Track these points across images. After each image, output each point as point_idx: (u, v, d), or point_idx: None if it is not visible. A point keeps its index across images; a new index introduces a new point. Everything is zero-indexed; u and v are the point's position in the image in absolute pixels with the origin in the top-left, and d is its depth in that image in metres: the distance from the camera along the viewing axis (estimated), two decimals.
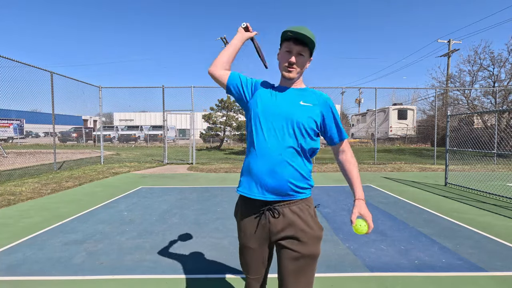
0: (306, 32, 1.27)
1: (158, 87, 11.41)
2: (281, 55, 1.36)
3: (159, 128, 25.55)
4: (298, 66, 1.33)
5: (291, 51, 1.32)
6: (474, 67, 14.99)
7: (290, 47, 1.31)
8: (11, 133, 25.14)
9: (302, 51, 1.32)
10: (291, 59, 1.31)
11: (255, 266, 1.40)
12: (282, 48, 1.36)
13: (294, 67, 1.33)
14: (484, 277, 2.46)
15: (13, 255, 2.89)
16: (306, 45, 1.31)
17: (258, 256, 1.38)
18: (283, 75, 1.37)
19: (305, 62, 1.35)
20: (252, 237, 1.36)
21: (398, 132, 21.84)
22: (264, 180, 1.28)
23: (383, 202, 5.09)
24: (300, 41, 1.29)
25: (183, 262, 2.76)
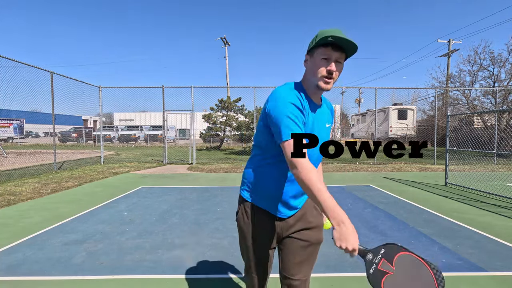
0: (348, 38, 1.12)
1: (158, 87, 11.42)
2: (316, 63, 1.18)
3: (159, 128, 25.56)
4: (336, 76, 1.19)
5: (329, 58, 1.15)
6: (474, 67, 15.01)
7: (328, 54, 1.15)
8: (11, 133, 25.15)
9: (340, 58, 1.17)
10: (331, 67, 1.15)
11: (267, 267, 1.41)
12: (317, 55, 1.18)
13: (333, 77, 1.18)
14: (484, 277, 2.46)
15: (13, 255, 2.89)
16: (344, 51, 1.17)
17: (270, 257, 1.41)
18: (320, 86, 1.19)
19: (341, 71, 1.21)
20: (265, 240, 1.37)
21: (398, 132, 21.84)
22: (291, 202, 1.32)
23: (383, 202, 5.09)
24: (339, 47, 1.14)
25: (183, 262, 2.76)
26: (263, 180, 1.31)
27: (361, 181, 7.19)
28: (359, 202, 5.07)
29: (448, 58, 21.36)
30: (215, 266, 2.68)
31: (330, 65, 1.15)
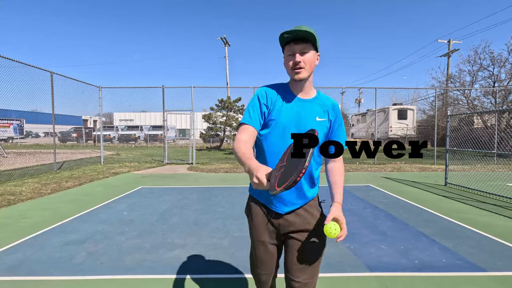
0: (302, 28, 1.21)
1: (158, 87, 11.41)
2: (285, 60, 1.30)
3: (159, 128, 25.55)
4: (306, 64, 1.26)
5: (293, 52, 1.26)
6: (474, 67, 15.01)
7: (291, 49, 1.26)
8: (11, 133, 25.14)
9: (304, 49, 1.25)
10: (296, 59, 1.25)
11: (269, 263, 1.45)
12: (285, 53, 1.30)
13: (302, 67, 1.26)
14: (484, 277, 2.46)
15: (13, 255, 2.89)
16: (308, 41, 1.24)
17: (271, 253, 1.43)
18: (293, 78, 1.30)
19: (312, 59, 1.28)
20: (264, 234, 1.42)
21: (398, 132, 21.84)
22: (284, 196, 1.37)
23: (383, 202, 5.09)
24: (300, 39, 1.23)
25: (183, 262, 2.76)
26: None
27: (361, 181, 7.19)
28: (359, 202, 5.07)
29: (448, 58, 21.36)
30: (215, 266, 2.68)
31: (295, 57, 1.25)
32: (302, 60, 1.25)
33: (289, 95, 1.35)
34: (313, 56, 1.29)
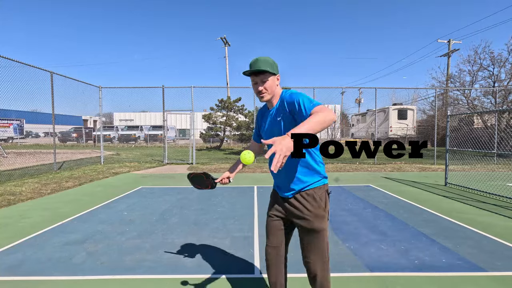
0: (258, 63, 1.56)
1: (158, 87, 11.42)
2: (253, 87, 1.65)
3: (159, 128, 25.55)
4: (267, 89, 1.60)
5: (255, 82, 1.61)
6: (474, 67, 15.00)
7: (254, 80, 1.61)
8: (11, 133, 25.14)
9: (263, 78, 1.58)
10: (258, 88, 1.60)
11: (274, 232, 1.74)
12: (251, 82, 1.64)
13: (264, 92, 1.60)
14: (484, 277, 2.46)
15: (13, 255, 2.89)
16: (264, 72, 1.56)
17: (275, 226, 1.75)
18: (260, 101, 1.68)
19: (271, 83, 1.61)
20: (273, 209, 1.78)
21: (398, 132, 21.83)
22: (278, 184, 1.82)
23: (383, 202, 5.09)
24: (257, 72, 1.57)
25: (183, 262, 2.76)
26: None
27: (361, 181, 7.19)
28: (359, 202, 5.07)
29: (448, 58, 21.35)
30: (215, 266, 2.68)
31: (258, 86, 1.61)
32: (263, 87, 1.60)
33: (266, 110, 1.77)
34: (272, 80, 1.61)
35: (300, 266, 2.58)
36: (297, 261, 2.71)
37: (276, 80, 1.65)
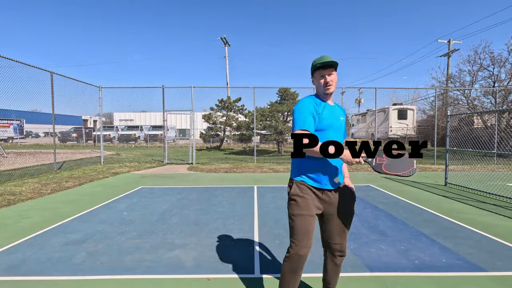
0: (328, 58, 1.77)
1: (158, 87, 11.41)
2: (317, 81, 1.84)
3: (159, 128, 25.55)
4: (333, 82, 1.81)
5: (323, 75, 1.79)
6: (474, 67, 14.99)
7: (321, 73, 1.80)
8: (11, 133, 25.14)
9: (331, 71, 1.79)
10: (327, 78, 1.79)
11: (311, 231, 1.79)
12: (316, 76, 1.84)
13: (331, 84, 1.80)
14: (484, 277, 2.46)
15: (13, 255, 2.89)
16: (332, 67, 1.79)
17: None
18: (325, 93, 1.83)
19: (335, 78, 1.83)
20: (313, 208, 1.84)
21: (398, 132, 21.83)
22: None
23: (383, 202, 5.09)
24: (327, 66, 1.78)
25: (183, 262, 2.76)
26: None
27: (361, 181, 7.19)
28: (359, 202, 5.07)
29: (448, 58, 21.35)
30: (215, 266, 2.68)
31: (326, 78, 1.80)
32: (330, 79, 1.80)
33: (323, 102, 1.86)
34: (336, 76, 1.83)
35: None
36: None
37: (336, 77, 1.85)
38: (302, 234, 1.75)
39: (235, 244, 3.18)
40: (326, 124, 1.79)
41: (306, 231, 1.75)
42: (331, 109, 1.84)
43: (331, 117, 1.81)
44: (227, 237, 3.40)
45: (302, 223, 1.75)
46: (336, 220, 1.87)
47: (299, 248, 1.73)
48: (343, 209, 1.86)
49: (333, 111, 1.85)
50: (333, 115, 1.83)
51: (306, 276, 2.44)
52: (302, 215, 1.77)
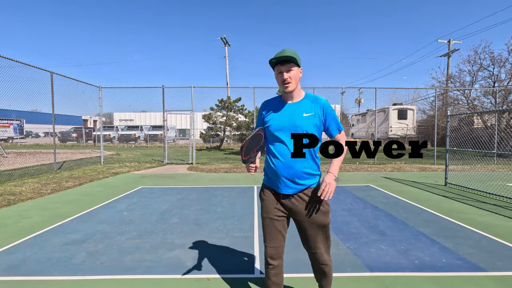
0: (285, 52, 1.58)
1: (158, 87, 11.41)
2: (276, 77, 1.68)
3: (159, 128, 25.55)
4: (292, 79, 1.64)
5: (281, 71, 1.63)
6: (474, 67, 14.99)
7: (279, 69, 1.64)
8: (11, 133, 25.13)
9: (290, 67, 1.62)
10: (284, 76, 1.62)
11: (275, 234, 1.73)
12: (275, 72, 1.68)
13: (289, 81, 1.63)
14: (484, 277, 2.46)
15: (13, 255, 2.89)
16: (291, 61, 1.61)
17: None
18: (284, 91, 1.69)
19: (296, 74, 1.66)
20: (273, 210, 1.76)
21: (398, 132, 21.83)
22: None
23: (383, 202, 5.09)
24: (285, 61, 1.61)
25: (183, 262, 2.76)
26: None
27: (361, 181, 7.18)
28: (359, 202, 5.07)
29: (448, 58, 21.35)
30: (215, 266, 2.68)
31: (283, 75, 1.64)
32: (288, 76, 1.63)
33: (281, 102, 1.76)
34: (297, 72, 1.66)
35: (299, 266, 2.59)
36: (295, 261, 2.71)
37: (300, 73, 1.68)
38: (267, 236, 1.73)
39: (235, 244, 3.18)
40: (274, 127, 1.69)
41: (271, 234, 1.72)
42: (288, 108, 1.71)
43: (281, 119, 1.69)
44: (227, 237, 3.40)
45: (266, 226, 1.73)
46: (306, 228, 1.74)
47: (267, 250, 1.72)
48: (310, 219, 1.71)
49: (289, 110, 1.70)
50: (288, 115, 1.69)
51: (306, 276, 2.44)
52: (264, 218, 1.75)
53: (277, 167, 1.67)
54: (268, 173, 1.77)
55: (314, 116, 1.67)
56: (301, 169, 1.66)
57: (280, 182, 1.69)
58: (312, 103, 1.70)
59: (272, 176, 1.72)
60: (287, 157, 1.65)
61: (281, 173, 1.67)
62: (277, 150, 1.69)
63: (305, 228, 1.73)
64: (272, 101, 1.80)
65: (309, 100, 1.72)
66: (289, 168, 1.65)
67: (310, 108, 1.69)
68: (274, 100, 1.80)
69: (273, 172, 1.70)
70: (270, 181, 1.76)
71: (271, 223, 1.72)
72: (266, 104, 1.81)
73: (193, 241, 3.29)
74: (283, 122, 1.68)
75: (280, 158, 1.66)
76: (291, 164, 1.65)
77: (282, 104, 1.74)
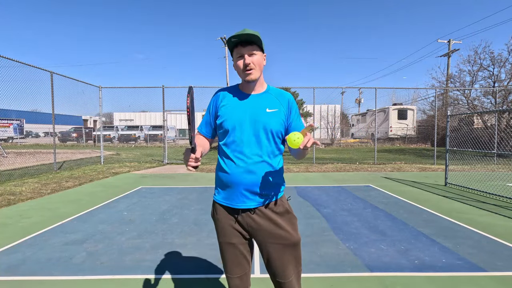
0: (248, 31, 1.28)
1: (158, 87, 11.42)
2: (235, 62, 1.36)
3: (159, 128, 25.54)
4: (255, 65, 1.33)
5: (242, 54, 1.32)
6: (474, 67, 15.00)
7: (240, 52, 1.32)
8: (11, 133, 25.14)
9: (252, 50, 1.32)
10: (246, 61, 1.31)
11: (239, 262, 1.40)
12: (234, 56, 1.37)
13: (252, 67, 1.32)
14: (484, 277, 2.46)
15: (13, 255, 2.89)
16: (254, 43, 1.32)
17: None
18: (245, 80, 1.36)
19: (260, 60, 1.35)
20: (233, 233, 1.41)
21: (398, 132, 21.84)
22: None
23: (383, 202, 5.09)
24: (247, 42, 1.30)
25: (183, 262, 2.76)
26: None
27: (361, 181, 7.18)
28: (359, 202, 5.07)
29: (448, 58, 21.35)
30: (215, 266, 2.68)
31: (244, 59, 1.31)
32: (251, 61, 1.31)
33: (239, 93, 1.42)
34: (261, 57, 1.36)
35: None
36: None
37: (264, 60, 1.39)
38: (228, 265, 1.40)
39: None
40: (229, 124, 1.36)
41: (232, 262, 1.39)
42: (248, 101, 1.38)
43: (240, 113, 1.36)
44: None
45: (225, 252, 1.40)
46: (271, 251, 1.37)
47: (230, 282, 1.41)
48: (276, 238, 1.36)
49: (250, 103, 1.38)
50: (248, 109, 1.37)
51: (306, 276, 2.44)
52: (221, 243, 1.41)
53: (234, 173, 1.33)
54: (220, 185, 1.41)
55: (279, 113, 1.38)
56: (264, 176, 1.33)
57: (237, 194, 1.34)
58: (276, 98, 1.42)
59: (226, 187, 1.37)
60: (246, 160, 1.32)
61: (238, 181, 1.33)
62: (233, 152, 1.34)
63: (270, 251, 1.37)
64: (229, 90, 1.45)
65: (273, 94, 1.43)
66: (249, 174, 1.32)
67: (274, 103, 1.40)
68: (231, 89, 1.46)
69: (227, 181, 1.35)
70: (224, 195, 1.40)
71: (230, 249, 1.38)
72: (221, 93, 1.45)
73: (193, 241, 3.29)
74: (242, 117, 1.35)
75: (237, 162, 1.33)
76: (252, 170, 1.32)
77: (240, 95, 1.41)
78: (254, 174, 1.32)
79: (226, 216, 1.39)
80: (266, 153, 1.35)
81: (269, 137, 1.35)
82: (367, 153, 14.61)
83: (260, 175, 1.33)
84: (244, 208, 1.35)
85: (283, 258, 1.37)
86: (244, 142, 1.33)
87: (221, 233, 1.40)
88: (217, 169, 1.44)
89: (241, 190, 1.33)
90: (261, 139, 1.34)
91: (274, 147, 1.38)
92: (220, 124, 1.40)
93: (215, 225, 1.44)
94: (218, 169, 1.43)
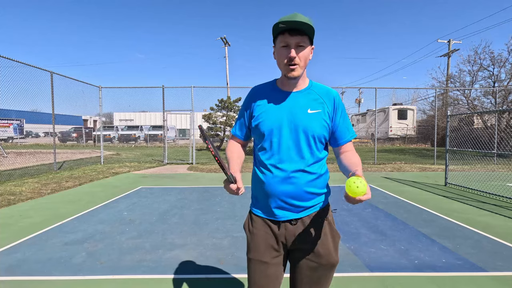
0: (300, 18, 1.09)
1: (158, 87, 11.41)
2: (278, 52, 1.17)
3: (159, 128, 25.54)
4: (301, 60, 1.15)
5: (288, 44, 1.13)
6: (474, 67, 15.00)
7: (286, 41, 1.12)
8: (11, 133, 25.14)
9: (301, 42, 1.12)
10: (291, 54, 1.12)
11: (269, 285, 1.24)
12: (277, 44, 1.17)
13: (297, 63, 1.14)
14: (484, 277, 2.46)
15: (13, 255, 2.89)
16: (304, 33, 1.12)
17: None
18: (286, 76, 1.18)
19: (307, 54, 1.16)
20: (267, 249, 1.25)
21: (398, 132, 21.84)
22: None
23: (383, 202, 5.09)
24: (296, 31, 1.11)
25: (183, 262, 2.76)
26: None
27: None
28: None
29: (448, 58, 21.34)
30: (215, 266, 2.68)
31: (290, 51, 1.12)
32: (297, 55, 1.13)
33: (277, 90, 1.26)
34: (309, 51, 1.17)
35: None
36: None
37: (311, 54, 1.20)
38: (252, 286, 1.24)
39: (235, 244, 3.18)
40: (266, 127, 1.21)
41: (261, 284, 1.22)
42: (288, 100, 1.22)
43: (278, 114, 1.21)
44: (227, 237, 3.40)
45: (254, 271, 1.23)
46: (304, 267, 1.24)
47: None
48: (315, 255, 1.22)
49: (289, 103, 1.22)
50: (286, 109, 1.21)
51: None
52: (251, 260, 1.24)
53: (270, 183, 1.20)
54: (257, 194, 1.28)
55: (322, 114, 1.21)
56: (304, 185, 1.20)
57: (275, 206, 1.22)
58: (320, 96, 1.23)
59: (264, 197, 1.24)
60: (285, 169, 1.18)
61: (276, 192, 1.20)
62: (269, 159, 1.21)
63: (302, 268, 1.23)
64: (265, 87, 1.29)
65: (317, 91, 1.24)
66: (288, 185, 1.18)
67: (317, 102, 1.22)
68: (268, 86, 1.29)
69: (264, 192, 1.22)
70: (262, 206, 1.26)
71: (261, 268, 1.22)
72: (257, 91, 1.29)
73: (193, 241, 3.29)
74: (280, 120, 1.20)
75: (274, 171, 1.19)
76: (291, 179, 1.18)
77: (278, 93, 1.24)
78: (293, 184, 1.18)
79: (262, 229, 1.24)
80: (306, 161, 1.20)
81: (310, 143, 1.20)
82: (367, 153, 14.60)
83: (300, 185, 1.19)
84: (284, 220, 1.22)
85: (313, 277, 1.22)
86: (282, 148, 1.19)
87: (253, 248, 1.24)
88: (253, 177, 1.30)
89: (279, 202, 1.20)
90: (301, 144, 1.19)
91: (317, 153, 1.23)
92: (255, 127, 1.25)
93: (248, 239, 1.28)
94: (254, 177, 1.28)
